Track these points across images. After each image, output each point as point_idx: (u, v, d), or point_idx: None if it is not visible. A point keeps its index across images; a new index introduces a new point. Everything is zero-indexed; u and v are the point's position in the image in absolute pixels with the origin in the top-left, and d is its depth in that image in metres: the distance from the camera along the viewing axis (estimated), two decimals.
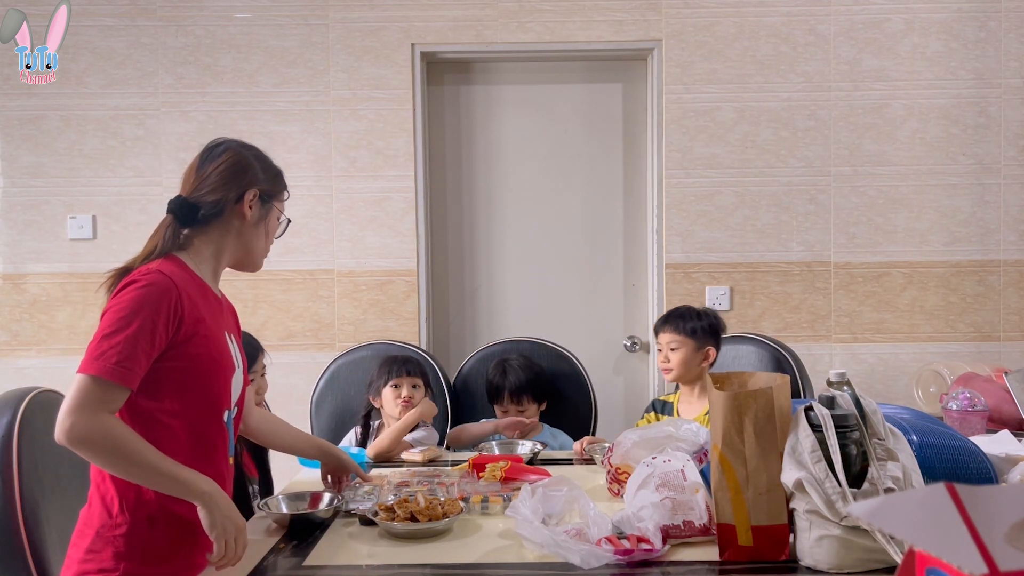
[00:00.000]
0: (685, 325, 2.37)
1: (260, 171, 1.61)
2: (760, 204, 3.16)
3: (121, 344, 1.35)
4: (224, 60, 3.15)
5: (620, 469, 1.81)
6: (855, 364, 3.16)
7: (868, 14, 3.14)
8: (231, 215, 1.57)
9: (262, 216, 1.61)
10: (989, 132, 3.14)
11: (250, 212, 1.58)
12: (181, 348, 1.44)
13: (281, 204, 1.67)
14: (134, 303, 1.38)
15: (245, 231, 1.60)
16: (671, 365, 2.36)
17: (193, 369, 1.46)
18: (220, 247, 1.59)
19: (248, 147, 1.63)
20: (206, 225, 1.56)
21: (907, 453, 1.46)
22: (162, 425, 1.44)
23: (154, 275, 1.42)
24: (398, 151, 3.16)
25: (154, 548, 1.44)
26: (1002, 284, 3.17)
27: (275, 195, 1.64)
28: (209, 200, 1.54)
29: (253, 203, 1.58)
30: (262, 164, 1.63)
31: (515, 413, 2.51)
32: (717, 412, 1.44)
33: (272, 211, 1.63)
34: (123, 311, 1.37)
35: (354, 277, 3.19)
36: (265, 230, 1.63)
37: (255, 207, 1.59)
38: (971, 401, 2.18)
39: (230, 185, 1.55)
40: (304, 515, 1.69)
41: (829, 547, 1.36)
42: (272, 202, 1.63)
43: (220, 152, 1.58)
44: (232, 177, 1.56)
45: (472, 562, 1.48)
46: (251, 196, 1.58)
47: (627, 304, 3.32)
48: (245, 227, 1.59)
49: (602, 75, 3.29)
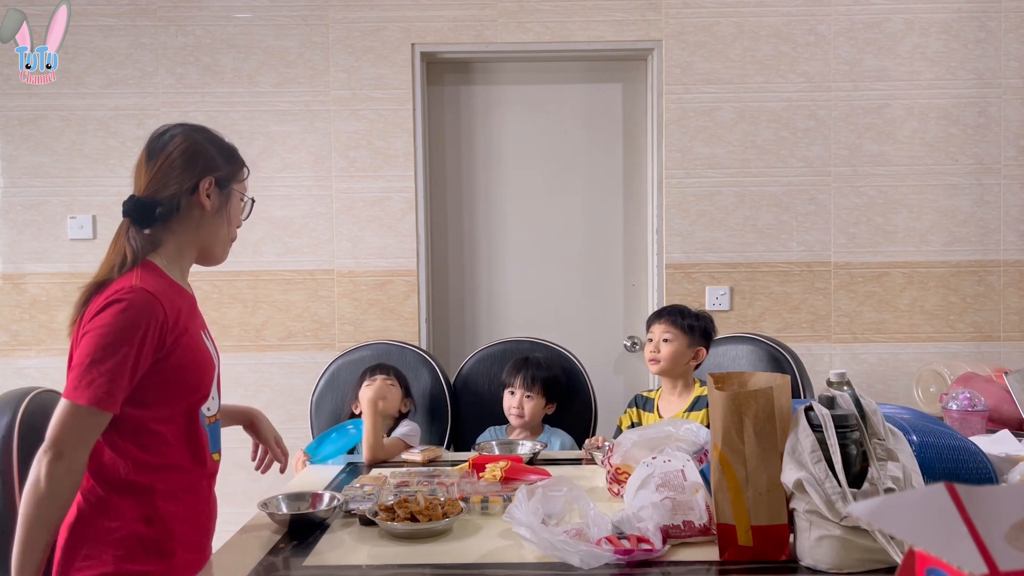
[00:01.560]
0: (682, 321, 2.39)
1: (214, 155, 1.53)
2: (760, 204, 3.16)
3: (110, 371, 1.33)
4: (224, 60, 3.15)
5: (620, 469, 1.81)
6: (855, 364, 3.16)
7: (868, 14, 3.14)
8: (189, 208, 1.50)
9: (222, 203, 1.53)
10: (989, 132, 3.14)
11: (208, 202, 1.51)
12: (165, 361, 1.42)
13: (242, 185, 1.58)
14: (121, 327, 1.35)
15: (206, 222, 1.52)
16: (660, 356, 2.37)
17: (178, 377, 1.44)
18: (183, 243, 1.52)
19: (197, 129, 1.54)
20: (166, 222, 1.49)
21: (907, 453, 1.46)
22: (151, 432, 1.43)
23: (138, 293, 1.38)
24: (398, 151, 3.16)
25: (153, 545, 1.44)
26: (1002, 284, 3.17)
27: (233, 178, 1.56)
28: (164, 196, 1.47)
29: (210, 191, 1.51)
30: (215, 147, 1.54)
31: (522, 398, 2.50)
32: (717, 412, 1.44)
33: (232, 195, 1.55)
34: (110, 335, 1.35)
35: (354, 277, 3.19)
36: (227, 217, 1.55)
37: (213, 195, 1.51)
38: (971, 401, 2.18)
39: (183, 176, 1.48)
40: (304, 515, 1.69)
41: (829, 547, 1.36)
42: (231, 186, 1.55)
43: (167, 142, 1.50)
44: (184, 167, 1.48)
45: (472, 562, 1.48)
46: (207, 185, 1.50)
47: (627, 304, 3.32)
48: (205, 218, 1.52)
49: (602, 75, 3.29)
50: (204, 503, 1.54)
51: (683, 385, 2.41)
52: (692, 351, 2.39)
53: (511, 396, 2.53)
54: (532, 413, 2.50)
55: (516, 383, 2.52)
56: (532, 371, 2.53)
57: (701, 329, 2.41)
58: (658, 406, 2.44)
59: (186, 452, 1.47)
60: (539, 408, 2.53)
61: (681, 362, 2.38)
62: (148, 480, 1.42)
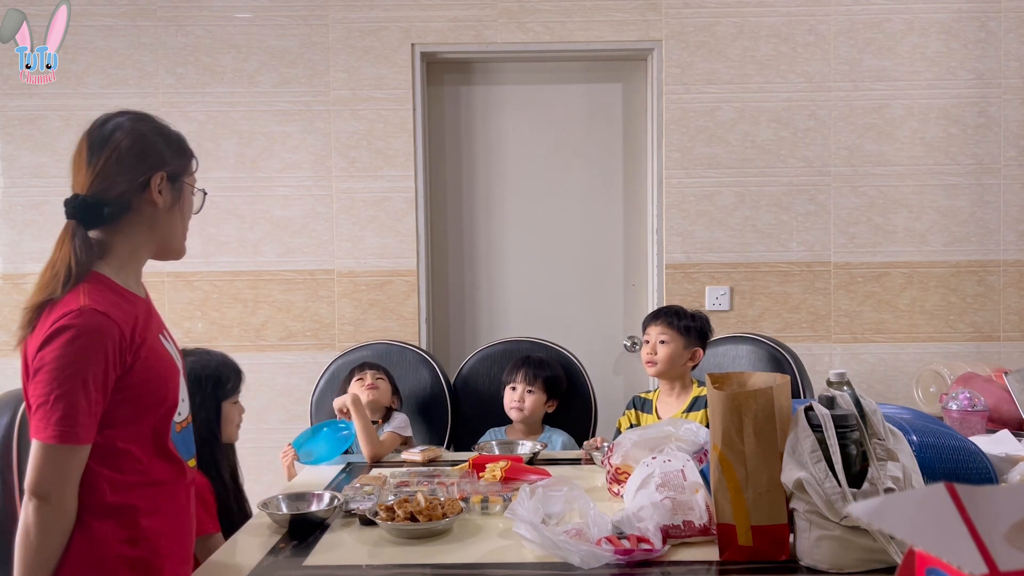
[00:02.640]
0: (678, 322, 2.39)
1: (163, 147, 1.41)
2: (760, 204, 3.16)
3: (74, 404, 1.25)
4: (224, 60, 3.15)
5: (620, 469, 1.81)
6: (855, 364, 3.16)
7: (868, 14, 3.14)
8: (140, 206, 1.38)
9: (175, 199, 1.42)
10: (989, 132, 3.14)
11: (161, 198, 1.39)
12: (127, 377, 1.33)
13: (192, 177, 1.47)
14: (74, 357, 1.26)
15: (159, 220, 1.40)
16: (657, 359, 2.37)
17: (143, 392, 1.36)
18: (136, 244, 1.40)
19: (141, 119, 1.42)
20: (115, 223, 1.37)
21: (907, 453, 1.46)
22: (123, 452, 1.35)
23: (87, 316, 1.27)
24: (398, 151, 3.16)
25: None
26: (1002, 284, 3.17)
27: (184, 170, 1.44)
28: (112, 195, 1.35)
29: (163, 187, 1.39)
30: (163, 138, 1.42)
31: (523, 392, 2.50)
32: (717, 412, 1.44)
33: (184, 189, 1.44)
34: (66, 368, 1.25)
35: (354, 277, 3.19)
36: (180, 212, 1.44)
37: (165, 191, 1.39)
38: (971, 401, 2.18)
39: (132, 173, 1.36)
40: (304, 515, 1.69)
41: (829, 547, 1.36)
42: (182, 179, 1.43)
43: (110, 134, 1.38)
44: (133, 163, 1.36)
45: (472, 562, 1.48)
46: (159, 181, 1.38)
47: (627, 304, 3.32)
48: (159, 216, 1.40)
49: (602, 75, 3.29)
50: (186, 514, 1.47)
51: (681, 386, 2.42)
52: (689, 352, 2.39)
53: (512, 392, 2.53)
54: (533, 408, 2.50)
55: (518, 378, 2.53)
56: (534, 368, 2.54)
57: (697, 330, 2.40)
58: (656, 407, 2.44)
59: (162, 466, 1.40)
60: (540, 404, 2.52)
61: (678, 364, 2.38)
62: (128, 500, 1.35)
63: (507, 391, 2.55)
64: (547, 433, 2.55)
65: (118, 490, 1.34)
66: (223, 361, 2.04)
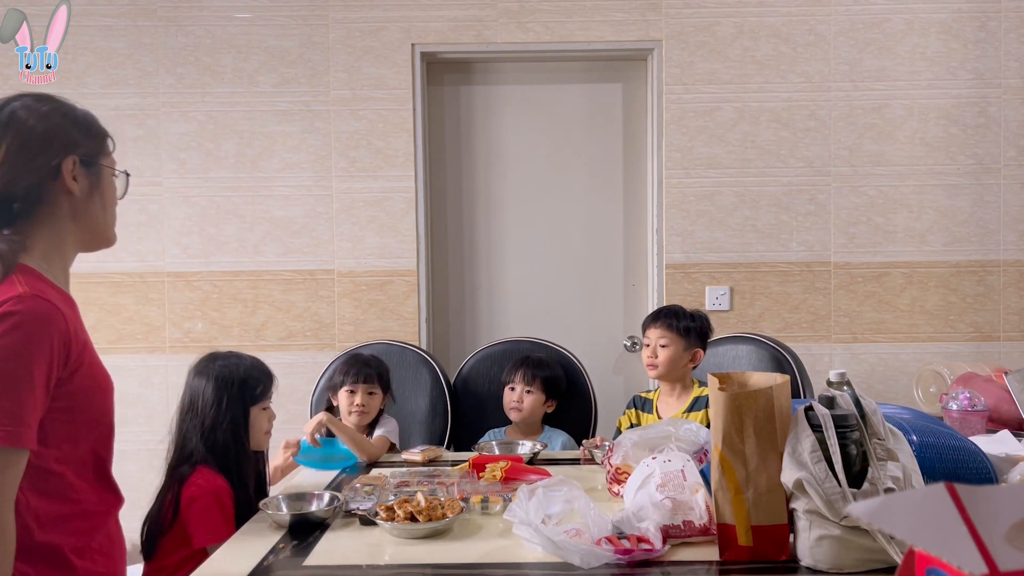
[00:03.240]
0: (677, 324, 2.38)
1: (71, 129, 1.26)
2: (760, 204, 3.16)
3: (15, 399, 1.10)
4: (224, 60, 3.15)
5: (620, 469, 1.81)
6: (855, 364, 3.16)
7: (868, 14, 3.14)
8: (54, 196, 1.24)
9: (93, 184, 1.28)
10: (989, 132, 3.14)
11: (76, 185, 1.25)
12: (68, 385, 1.18)
13: (110, 159, 1.33)
14: (18, 346, 1.11)
15: (79, 209, 1.27)
16: (658, 362, 2.37)
17: (82, 404, 1.21)
18: (59, 238, 1.27)
19: (42, 100, 1.26)
20: (30, 217, 1.23)
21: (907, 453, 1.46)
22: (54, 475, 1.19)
23: (30, 302, 1.14)
24: (398, 151, 3.16)
25: None
26: (1002, 284, 3.17)
27: (99, 152, 1.30)
28: (20, 188, 1.21)
29: (76, 173, 1.25)
30: (69, 119, 1.27)
31: (522, 392, 2.50)
32: (717, 412, 1.44)
33: (102, 172, 1.30)
34: (9, 359, 1.10)
35: (354, 277, 3.19)
36: (101, 198, 1.30)
37: (80, 177, 1.26)
38: (971, 401, 2.18)
39: (38, 161, 1.21)
40: (304, 515, 1.69)
41: (829, 547, 1.36)
42: (99, 162, 1.29)
43: (7, 121, 1.22)
44: (37, 150, 1.22)
45: (472, 562, 1.48)
46: (71, 166, 1.24)
47: (627, 304, 3.32)
48: (77, 204, 1.26)
49: (602, 75, 3.29)
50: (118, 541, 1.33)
51: (682, 387, 2.42)
52: (689, 353, 2.39)
53: (511, 392, 2.53)
54: (532, 408, 2.50)
55: (516, 378, 2.53)
56: (532, 368, 2.54)
57: (697, 330, 2.40)
58: (657, 407, 2.45)
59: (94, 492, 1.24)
60: (539, 404, 2.52)
61: (679, 365, 2.38)
62: (55, 538, 1.19)
63: (506, 391, 2.55)
64: (547, 433, 2.55)
65: (45, 526, 1.18)
66: (253, 364, 2.01)
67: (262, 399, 1.99)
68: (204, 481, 1.85)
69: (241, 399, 1.95)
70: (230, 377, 1.94)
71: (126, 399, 3.15)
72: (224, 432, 1.90)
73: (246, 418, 1.95)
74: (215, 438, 1.89)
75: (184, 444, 1.92)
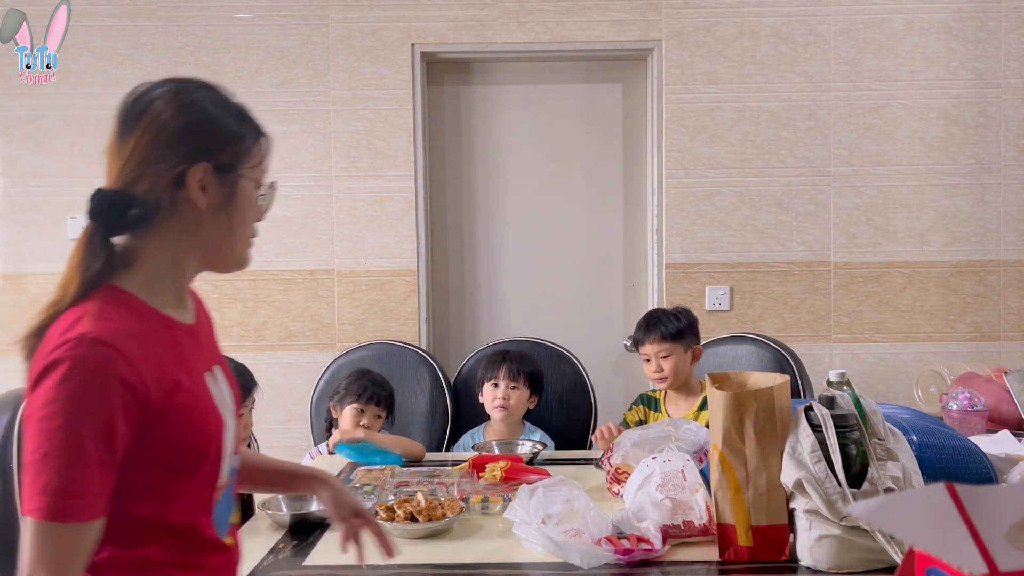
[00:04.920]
0: (668, 330, 2.36)
1: (209, 130, 1.06)
2: (760, 204, 3.16)
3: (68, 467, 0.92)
4: (224, 60, 3.15)
5: (620, 469, 1.82)
6: (855, 364, 3.16)
7: (868, 14, 3.14)
8: (178, 206, 1.04)
9: (227, 196, 1.07)
10: (989, 132, 3.14)
11: (204, 197, 1.05)
12: (151, 436, 0.99)
13: (257, 168, 1.12)
14: (68, 404, 0.93)
15: (202, 224, 1.06)
16: (665, 374, 2.36)
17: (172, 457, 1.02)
18: (175, 254, 1.07)
19: (187, 90, 1.07)
20: (147, 227, 1.04)
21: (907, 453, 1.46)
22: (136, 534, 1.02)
23: (87, 347, 0.94)
24: (398, 151, 3.16)
25: None
26: (1002, 284, 3.17)
27: (242, 159, 1.09)
28: (142, 190, 1.02)
29: (207, 183, 1.05)
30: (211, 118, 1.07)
31: (507, 390, 2.42)
32: (717, 412, 1.44)
33: (241, 184, 1.09)
34: (57, 417, 0.92)
35: (354, 277, 3.19)
36: (233, 214, 1.09)
37: (211, 188, 1.05)
38: (971, 401, 2.18)
39: (165, 162, 1.02)
40: (304, 515, 1.69)
41: (829, 547, 1.36)
42: (239, 171, 1.08)
43: (143, 111, 1.04)
44: (164, 153, 1.02)
45: (472, 562, 1.48)
46: (199, 175, 1.04)
47: (627, 304, 3.32)
48: (200, 218, 1.06)
49: (602, 75, 3.29)
50: None
51: (689, 387, 2.41)
52: (690, 353, 2.40)
53: (494, 388, 2.44)
54: (518, 404, 2.44)
55: (500, 375, 2.44)
56: (517, 363, 2.47)
57: (688, 329, 2.40)
58: (665, 407, 2.44)
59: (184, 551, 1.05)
60: (524, 400, 2.46)
61: (684, 369, 2.39)
62: None
63: (487, 388, 2.47)
64: (527, 431, 2.50)
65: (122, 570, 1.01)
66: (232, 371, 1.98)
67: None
68: None
69: None
70: None
71: None
72: None
73: None
74: None
75: None
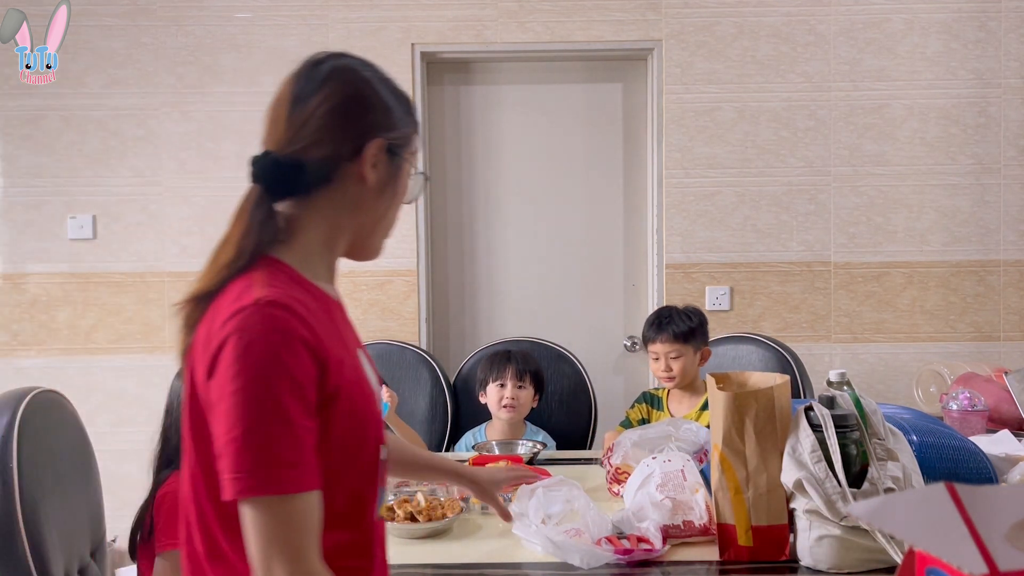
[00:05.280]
0: (679, 330, 2.36)
1: (391, 105, 1.06)
2: (760, 204, 3.16)
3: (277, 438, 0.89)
4: (224, 60, 3.15)
5: (620, 469, 1.82)
6: (855, 364, 3.16)
7: (868, 14, 3.14)
8: (344, 179, 1.03)
9: (391, 176, 1.07)
10: (989, 132, 3.14)
11: (374, 173, 1.04)
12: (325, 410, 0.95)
13: (414, 155, 1.11)
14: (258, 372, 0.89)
15: (366, 201, 1.06)
16: (674, 373, 2.35)
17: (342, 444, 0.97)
18: (333, 228, 1.06)
19: (367, 65, 1.07)
20: (308, 196, 1.02)
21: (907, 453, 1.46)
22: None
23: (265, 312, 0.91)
24: None
25: None
26: (1002, 284, 3.17)
27: (407, 143, 1.09)
28: (314, 157, 1.01)
29: (378, 160, 1.04)
30: (392, 94, 1.07)
31: (514, 389, 2.42)
32: (717, 412, 1.44)
33: (403, 167, 1.08)
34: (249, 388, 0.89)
35: (354, 277, 3.19)
36: (392, 195, 1.08)
37: (381, 165, 1.04)
38: (971, 401, 2.18)
39: (344, 132, 1.02)
40: None
41: (829, 547, 1.36)
42: (403, 154, 1.08)
43: (323, 80, 1.02)
44: (347, 119, 1.02)
45: (472, 562, 1.48)
46: (375, 150, 1.03)
47: (627, 304, 3.32)
48: (366, 195, 1.05)
49: (602, 75, 3.29)
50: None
51: (694, 387, 2.41)
52: (699, 354, 2.40)
53: (500, 389, 2.44)
54: (524, 404, 2.44)
55: (507, 374, 2.44)
56: (522, 363, 2.47)
57: (698, 329, 2.39)
58: (668, 406, 2.44)
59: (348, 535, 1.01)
60: (530, 399, 2.47)
61: (693, 369, 2.39)
62: None
63: (492, 388, 2.45)
64: (529, 431, 2.50)
65: None
66: None
67: None
68: (174, 485, 1.80)
69: None
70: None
71: (126, 399, 3.16)
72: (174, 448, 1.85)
73: None
74: None
75: (164, 447, 1.90)
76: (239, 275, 0.98)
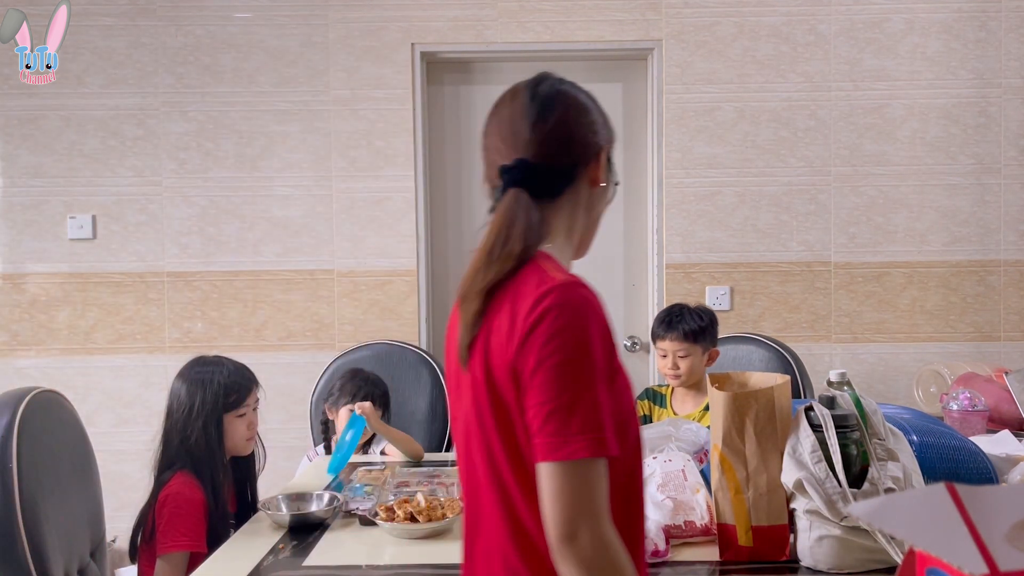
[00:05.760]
0: (688, 329, 2.34)
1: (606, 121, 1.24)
2: (760, 204, 3.16)
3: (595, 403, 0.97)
4: (224, 60, 3.15)
5: None
6: (855, 364, 3.16)
7: (868, 14, 3.14)
8: (581, 183, 1.17)
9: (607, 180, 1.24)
10: (989, 132, 3.14)
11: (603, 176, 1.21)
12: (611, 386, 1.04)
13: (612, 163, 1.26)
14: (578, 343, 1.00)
15: (595, 202, 1.22)
16: (681, 372, 2.34)
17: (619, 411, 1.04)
18: (571, 226, 1.19)
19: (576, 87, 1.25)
20: (556, 199, 1.15)
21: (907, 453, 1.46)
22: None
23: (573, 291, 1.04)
24: (398, 151, 3.16)
25: None
26: (1002, 284, 3.17)
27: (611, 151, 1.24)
28: (563, 163, 1.15)
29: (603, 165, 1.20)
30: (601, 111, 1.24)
31: None
32: (717, 412, 1.44)
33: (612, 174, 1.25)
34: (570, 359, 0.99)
35: (354, 277, 3.19)
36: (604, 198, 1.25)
37: (603, 170, 1.20)
38: (971, 401, 2.18)
39: (584, 143, 1.17)
40: (304, 515, 1.69)
41: (829, 547, 1.36)
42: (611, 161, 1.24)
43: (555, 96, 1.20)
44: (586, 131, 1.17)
45: None
46: (603, 157, 1.20)
47: (627, 304, 3.32)
48: (595, 196, 1.21)
49: (602, 75, 3.29)
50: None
51: (699, 387, 2.40)
52: (707, 354, 2.38)
53: None
54: None
55: None
56: None
57: (708, 329, 2.37)
58: (671, 404, 2.43)
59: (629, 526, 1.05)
60: None
61: (699, 369, 2.37)
62: None
63: None
64: None
65: None
66: (232, 371, 1.95)
67: (236, 407, 1.92)
68: (176, 487, 1.81)
69: (214, 405, 1.88)
70: (204, 383, 1.88)
71: (126, 399, 3.16)
72: (196, 438, 1.86)
73: (219, 425, 1.88)
74: (190, 444, 1.85)
75: (165, 449, 1.90)
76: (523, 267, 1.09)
